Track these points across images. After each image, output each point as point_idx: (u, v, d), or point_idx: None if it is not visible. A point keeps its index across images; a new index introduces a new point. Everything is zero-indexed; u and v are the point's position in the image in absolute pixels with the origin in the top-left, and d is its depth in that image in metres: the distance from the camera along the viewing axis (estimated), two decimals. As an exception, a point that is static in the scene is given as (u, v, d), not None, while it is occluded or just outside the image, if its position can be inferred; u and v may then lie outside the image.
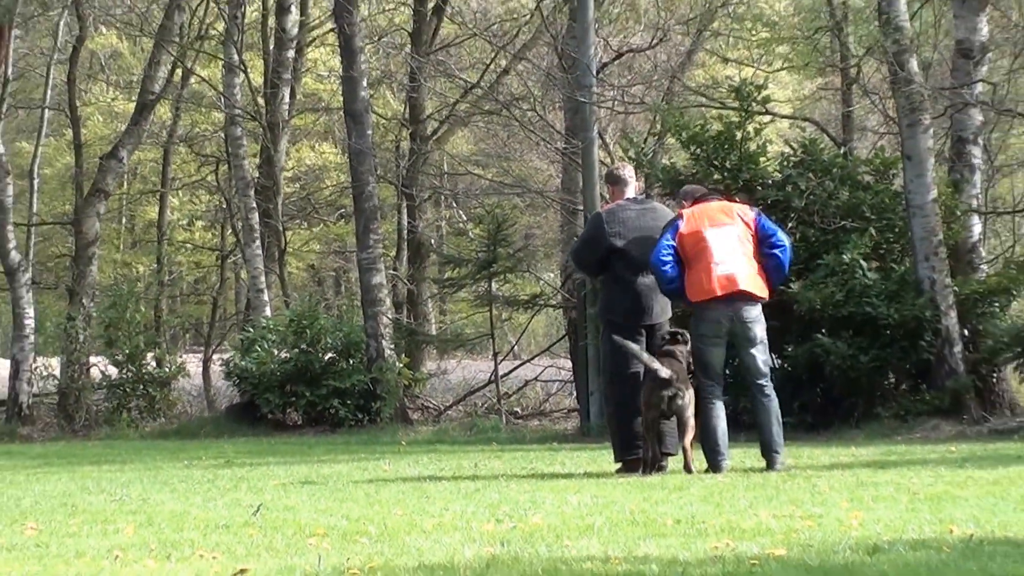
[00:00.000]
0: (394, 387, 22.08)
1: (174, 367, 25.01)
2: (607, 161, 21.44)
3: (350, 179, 24.88)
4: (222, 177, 32.75)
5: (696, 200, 12.18)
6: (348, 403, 21.81)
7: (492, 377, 23.76)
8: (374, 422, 21.78)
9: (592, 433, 18.89)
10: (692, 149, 19.52)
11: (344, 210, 34.90)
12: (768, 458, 11.75)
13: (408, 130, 28.45)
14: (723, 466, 11.69)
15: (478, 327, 28.42)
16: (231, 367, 23.10)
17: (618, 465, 12.27)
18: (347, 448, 18.33)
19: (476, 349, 28.49)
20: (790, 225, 18.67)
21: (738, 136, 19.28)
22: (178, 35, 27.76)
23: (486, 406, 23.52)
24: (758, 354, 11.84)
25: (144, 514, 9.43)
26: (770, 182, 18.93)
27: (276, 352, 22.36)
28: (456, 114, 28.70)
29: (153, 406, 24.09)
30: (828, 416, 17.64)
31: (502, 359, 24.26)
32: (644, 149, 21.68)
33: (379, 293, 22.96)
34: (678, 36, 25.68)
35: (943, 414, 17.05)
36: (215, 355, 29.91)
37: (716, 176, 19.00)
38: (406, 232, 28.76)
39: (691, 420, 11.74)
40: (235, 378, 23.01)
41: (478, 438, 19.78)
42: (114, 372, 24.33)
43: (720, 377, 12.00)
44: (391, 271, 26.85)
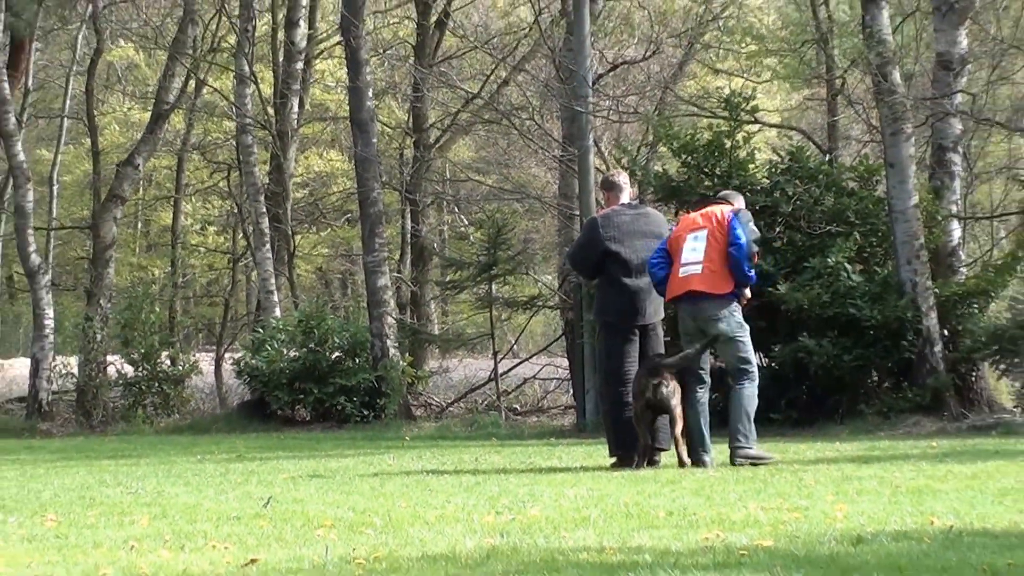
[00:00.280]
0: (398, 385, 22.09)
1: (187, 365, 25.02)
2: (602, 168, 21.43)
3: (356, 185, 24.88)
4: (234, 183, 32.76)
5: (708, 203, 12.29)
6: (354, 400, 21.82)
7: (492, 375, 23.76)
8: (379, 418, 21.78)
9: (588, 429, 18.89)
10: (683, 157, 19.50)
11: (350, 215, 34.91)
12: (729, 448, 11.72)
13: (412, 138, 28.45)
14: (703, 460, 11.68)
15: (479, 327, 28.41)
16: (242, 365, 23.11)
17: (612, 460, 12.27)
18: (353, 443, 18.32)
19: (477, 348, 28.52)
20: (778, 230, 18.68)
21: (728, 144, 19.27)
22: (191, 48, 27.78)
23: (486, 403, 23.52)
24: (726, 348, 11.83)
25: (159, 506, 9.43)
26: (758, 188, 18.92)
27: (285, 351, 22.36)
28: (458, 123, 28.72)
29: (167, 403, 24.10)
30: (813, 413, 17.63)
31: (502, 358, 24.25)
32: (637, 157, 21.69)
33: (384, 295, 22.97)
34: (670, 49, 25.68)
35: (924, 411, 17.05)
36: (227, 354, 29.90)
37: (707, 183, 19.00)
38: (410, 236, 28.77)
39: (677, 410, 11.76)
40: (246, 376, 23.02)
41: (478, 434, 19.77)
42: (130, 370, 24.33)
43: (698, 373, 11.97)
44: (395, 274, 26.84)
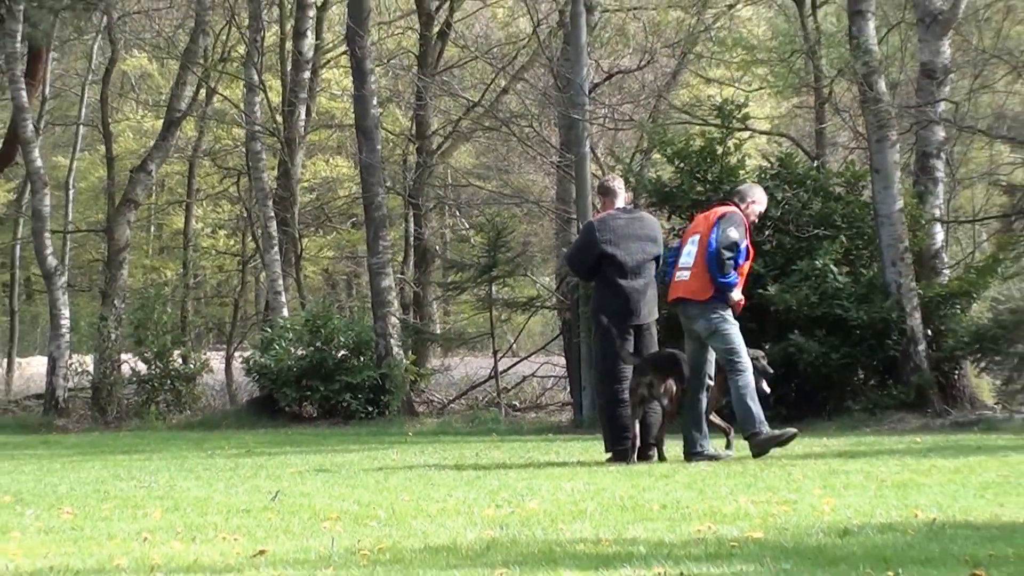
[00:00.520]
0: (401, 382, 22.08)
1: (199, 364, 25.01)
2: (598, 174, 21.42)
3: (361, 190, 24.88)
4: (243, 188, 32.77)
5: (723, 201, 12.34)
6: (359, 397, 21.81)
7: (492, 373, 23.76)
8: (383, 415, 21.77)
9: (585, 425, 18.88)
10: (677, 163, 19.51)
11: (356, 219, 34.89)
12: (744, 439, 11.76)
13: (415, 145, 28.45)
14: (704, 450, 11.74)
15: (479, 327, 28.40)
16: (251, 364, 23.10)
17: (608, 455, 12.27)
18: (358, 439, 18.32)
19: (477, 347, 28.51)
20: (767, 233, 18.69)
21: (719, 151, 19.28)
22: (202, 58, 27.79)
23: (486, 400, 23.52)
24: (713, 344, 11.82)
25: (171, 499, 9.43)
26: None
27: (293, 350, 22.35)
28: (459, 130, 28.71)
29: (179, 400, 24.09)
30: (802, 409, 17.63)
31: (501, 356, 24.25)
32: (632, 163, 21.68)
33: (388, 295, 22.98)
34: (664, 58, 25.66)
35: (908, 407, 17.06)
36: (236, 352, 29.88)
37: (699, 188, 19.01)
38: (413, 239, 28.76)
39: (668, 409, 11.83)
40: (255, 374, 23.02)
41: (479, 429, 19.77)
42: (143, 368, 24.32)
43: (696, 371, 11.95)
44: (399, 275, 26.84)
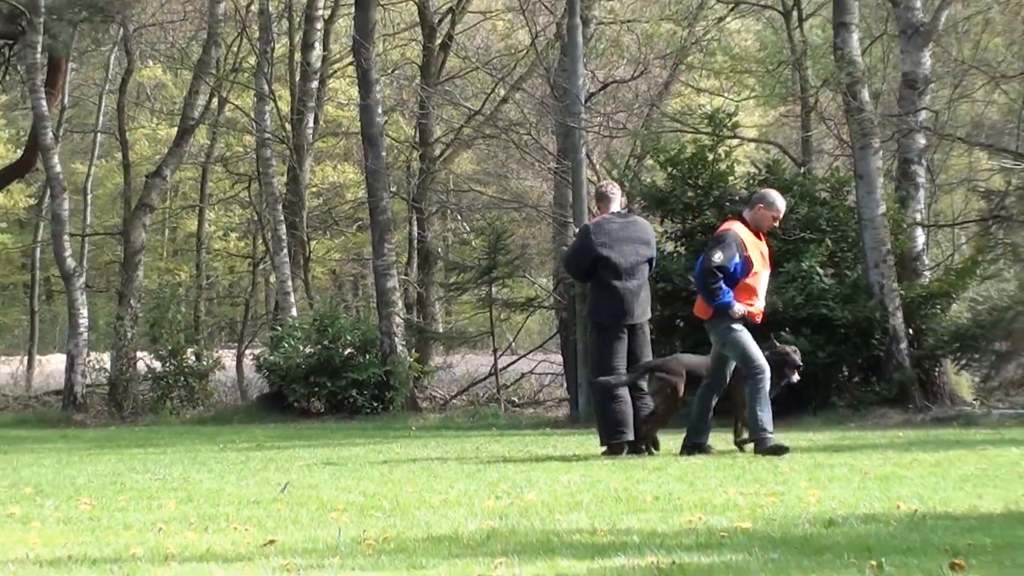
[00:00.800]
0: (405, 379, 22.08)
1: (211, 361, 24.98)
2: (594, 180, 21.41)
3: (367, 195, 24.87)
4: (253, 193, 32.75)
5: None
6: (365, 393, 21.79)
7: (492, 370, 23.74)
8: (387, 410, 21.76)
9: (581, 420, 18.86)
10: (669, 169, 19.52)
11: (361, 222, 34.88)
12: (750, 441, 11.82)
13: (418, 152, 28.43)
14: (704, 446, 11.78)
15: (479, 326, 28.40)
16: (261, 361, 23.10)
17: (603, 448, 12.27)
18: (364, 433, 18.32)
19: (478, 345, 28.48)
20: (756, 236, 18.68)
21: (710, 157, 19.29)
22: (215, 68, 27.77)
23: (487, 396, 23.50)
24: (731, 354, 11.86)
25: (184, 491, 9.43)
26: (737, 198, 18.92)
27: (301, 348, 22.34)
28: (460, 138, 28.70)
29: (192, 396, 24.07)
30: (789, 405, 17.58)
31: (501, 354, 24.24)
32: (626, 169, 21.68)
33: (392, 296, 22.97)
34: (657, 69, 25.65)
35: (891, 403, 17.07)
36: (247, 350, 29.87)
37: (690, 193, 19.02)
38: (416, 242, 28.74)
39: (658, 408, 11.93)
40: (265, 371, 23.01)
41: (479, 424, 19.77)
42: (158, 366, 24.29)
43: (714, 371, 11.94)
44: (403, 276, 26.83)
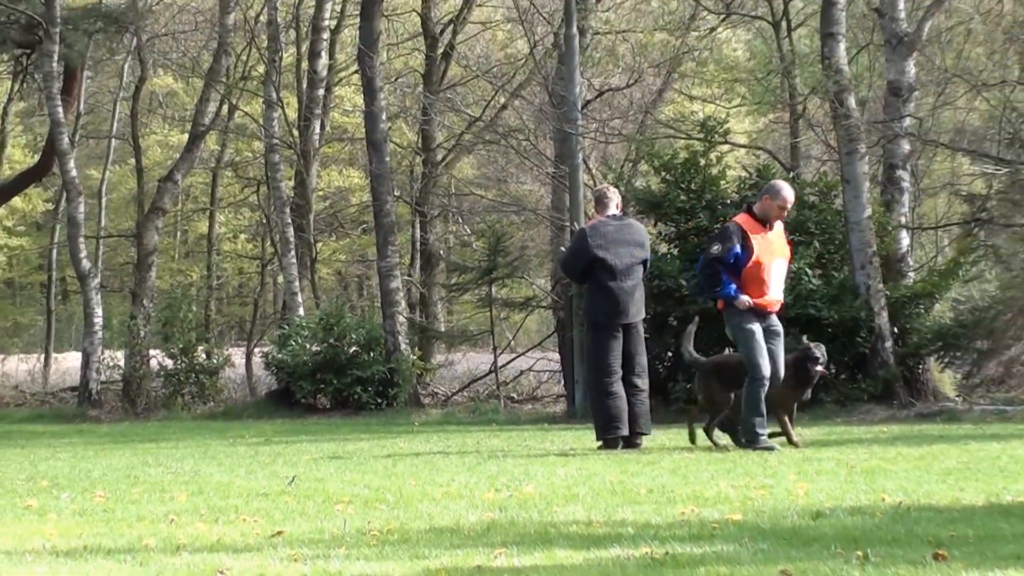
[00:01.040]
0: (408, 376, 22.07)
1: (221, 359, 24.97)
2: (591, 184, 21.41)
3: (371, 198, 24.87)
4: (262, 197, 32.73)
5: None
6: (369, 389, 21.79)
7: (492, 367, 23.74)
8: (391, 406, 21.75)
9: (577, 415, 18.85)
10: (663, 174, 19.50)
11: (366, 225, 34.82)
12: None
13: (421, 157, 28.44)
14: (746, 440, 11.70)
15: (480, 325, 28.39)
16: (270, 358, 23.10)
17: (599, 443, 12.27)
18: (368, 428, 18.31)
19: (478, 343, 28.47)
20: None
21: (702, 163, 19.27)
22: (225, 76, 27.77)
23: (487, 392, 23.49)
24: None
25: (195, 484, 9.43)
26: (728, 202, 18.91)
27: (308, 346, 22.33)
28: (462, 143, 28.70)
29: (203, 392, 24.06)
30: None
31: (500, 352, 24.22)
32: (621, 174, 21.66)
33: (396, 296, 22.97)
34: (651, 77, 25.66)
35: (876, 400, 17.06)
36: (256, 348, 29.87)
37: (683, 197, 19.00)
38: (419, 244, 28.76)
39: (709, 406, 11.95)
40: (273, 368, 23.00)
41: (480, 420, 19.76)
42: (170, 363, 24.28)
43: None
44: (406, 277, 26.82)
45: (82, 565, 5.77)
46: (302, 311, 25.17)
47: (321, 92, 28.26)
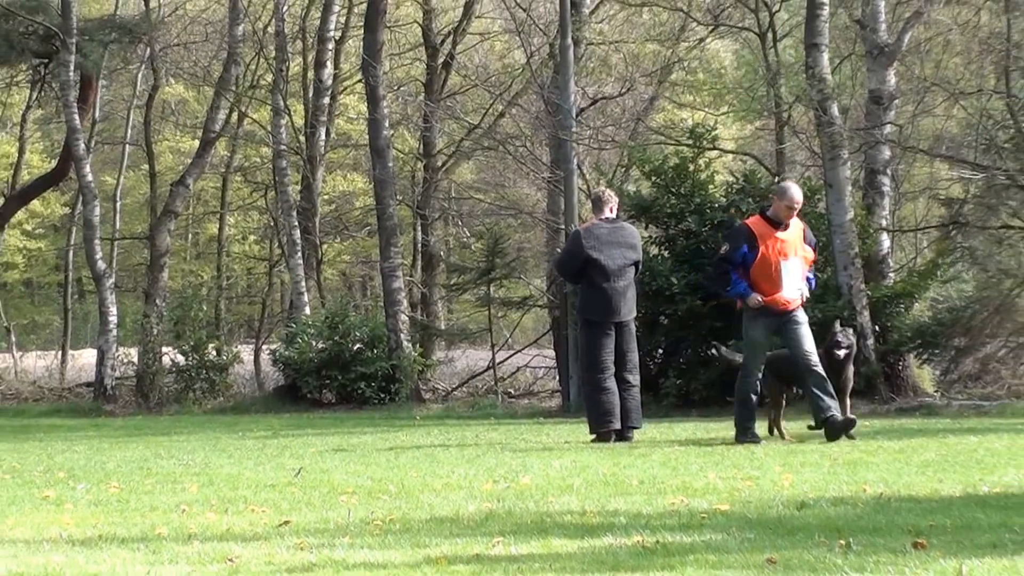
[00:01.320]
0: (410, 372, 22.05)
1: (230, 356, 24.94)
2: (584, 188, 21.40)
3: (375, 202, 24.85)
4: (270, 201, 32.69)
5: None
6: (372, 385, 21.77)
7: (490, 364, 23.73)
8: (394, 401, 21.73)
9: (572, 410, 18.84)
10: (653, 179, 19.51)
11: (370, 227, 34.76)
12: None
13: (422, 162, 28.42)
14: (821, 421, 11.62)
15: (479, 323, 28.37)
16: (277, 355, 23.08)
17: (592, 436, 12.27)
18: (371, 422, 18.30)
19: (477, 341, 28.45)
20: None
21: (691, 168, 19.27)
22: (234, 85, 27.74)
23: (485, 388, 23.48)
24: (802, 336, 11.84)
25: (206, 476, 9.43)
26: (717, 205, 18.93)
27: (314, 343, 22.31)
28: (461, 149, 28.66)
29: (213, 388, 24.03)
30: (764, 396, 17.59)
31: (498, 349, 24.22)
32: (614, 179, 21.66)
33: (398, 295, 22.96)
34: (642, 86, 25.64)
35: (858, 395, 17.00)
36: (264, 346, 29.83)
37: (673, 201, 19.00)
38: (420, 245, 28.73)
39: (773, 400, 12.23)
40: (280, 364, 22.99)
41: (479, 414, 19.75)
42: (181, 360, 24.26)
43: (799, 358, 11.76)
44: (408, 277, 26.79)
45: (97, 553, 5.76)
46: (308, 310, 25.15)
47: (326, 100, 28.22)
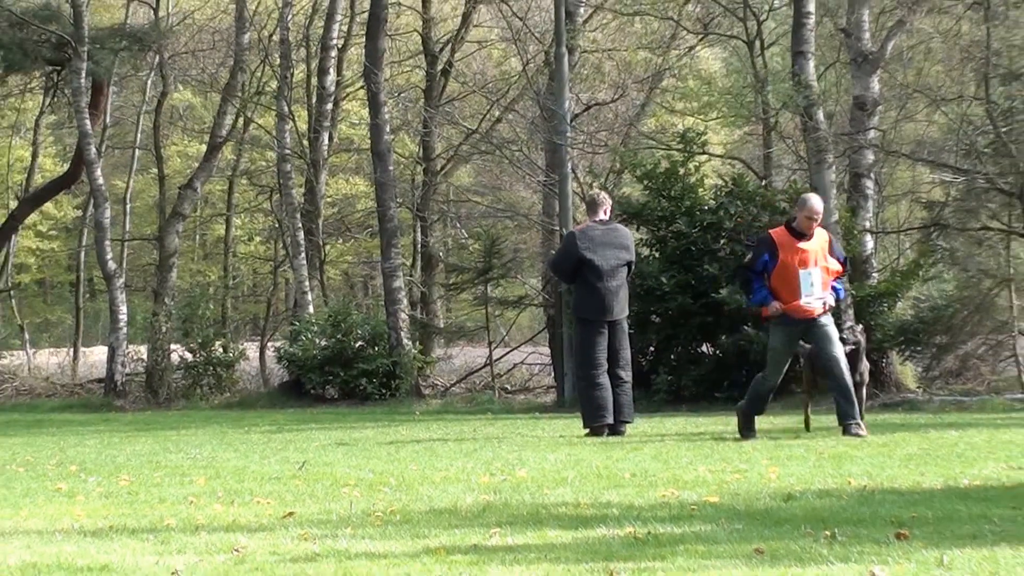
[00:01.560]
0: (410, 369, 22.05)
1: (237, 353, 24.92)
2: (578, 192, 21.41)
3: (376, 204, 24.85)
4: (275, 203, 32.65)
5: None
6: (374, 381, 21.76)
7: (487, 361, 23.74)
8: (394, 396, 21.72)
9: (566, 405, 18.85)
10: (645, 183, 19.51)
11: (371, 229, 34.77)
12: None
13: (422, 166, 28.41)
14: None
15: (476, 321, 28.37)
16: (282, 352, 23.08)
17: (586, 431, 12.27)
18: (373, 417, 18.30)
19: (474, 339, 28.45)
20: (722, 242, 18.70)
21: (681, 172, 19.27)
22: (240, 91, 27.74)
23: (483, 384, 23.48)
24: (830, 339, 11.67)
25: (213, 469, 9.42)
26: (706, 208, 18.92)
27: (317, 341, 22.30)
28: (459, 154, 28.67)
29: (220, 384, 24.02)
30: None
31: (495, 347, 24.22)
32: (607, 182, 21.65)
33: (398, 295, 22.95)
34: (634, 93, 25.66)
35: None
36: (269, 343, 29.84)
37: (664, 204, 19.00)
38: (420, 246, 28.72)
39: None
40: (285, 361, 22.98)
41: (476, 409, 19.74)
42: (189, 357, 24.25)
43: (823, 361, 11.64)
44: (408, 277, 26.78)
45: (108, 543, 5.76)
46: (312, 308, 25.14)
47: (329, 106, 28.21)
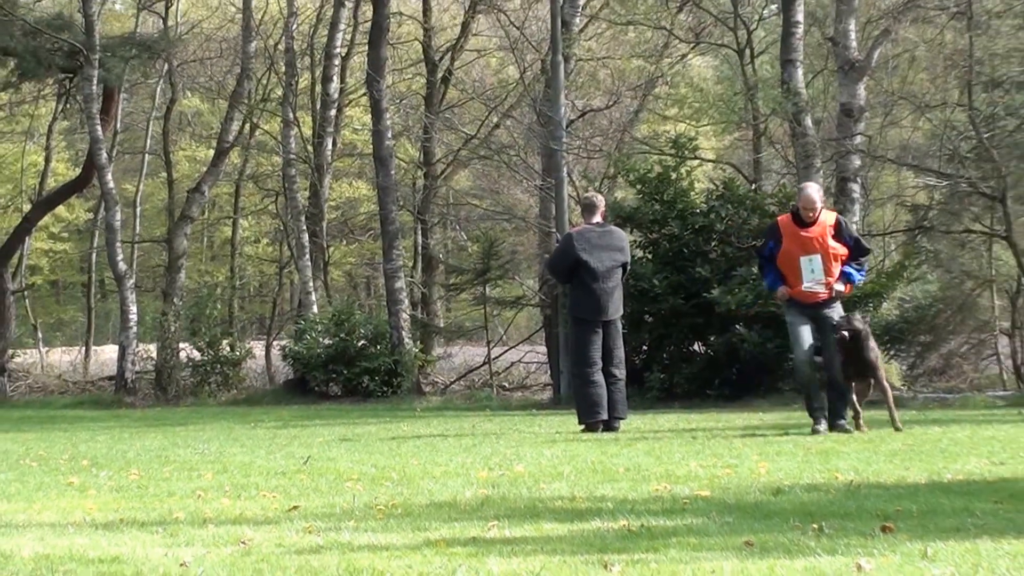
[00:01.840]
0: (411, 367, 22.05)
1: (243, 351, 24.92)
2: (574, 195, 21.40)
3: (378, 208, 24.85)
4: (280, 206, 32.68)
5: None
6: (376, 379, 21.76)
7: (486, 359, 23.74)
8: (395, 393, 21.73)
9: (562, 402, 18.86)
10: (638, 187, 19.51)
11: (373, 231, 34.81)
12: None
13: (422, 170, 28.41)
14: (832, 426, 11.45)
15: (475, 321, 28.36)
16: (287, 351, 23.08)
17: (581, 427, 12.26)
18: (375, 413, 18.29)
19: (473, 338, 28.45)
20: (713, 243, 18.71)
21: (673, 176, 19.27)
22: (247, 98, 27.74)
23: (481, 381, 23.48)
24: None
25: (220, 463, 9.41)
26: (698, 211, 18.92)
27: (321, 340, 22.31)
28: (459, 159, 28.68)
29: (227, 381, 24.02)
30: (742, 390, 17.63)
31: (493, 345, 24.22)
32: (601, 186, 21.65)
33: (400, 295, 22.95)
34: (628, 99, 25.66)
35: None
36: (275, 342, 29.83)
37: (656, 207, 19.00)
38: (420, 248, 28.73)
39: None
40: (290, 359, 22.98)
41: (475, 406, 19.74)
42: (197, 355, 24.26)
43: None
44: (409, 278, 26.78)
45: (118, 536, 5.75)
46: (316, 308, 25.15)
47: (333, 112, 28.22)
